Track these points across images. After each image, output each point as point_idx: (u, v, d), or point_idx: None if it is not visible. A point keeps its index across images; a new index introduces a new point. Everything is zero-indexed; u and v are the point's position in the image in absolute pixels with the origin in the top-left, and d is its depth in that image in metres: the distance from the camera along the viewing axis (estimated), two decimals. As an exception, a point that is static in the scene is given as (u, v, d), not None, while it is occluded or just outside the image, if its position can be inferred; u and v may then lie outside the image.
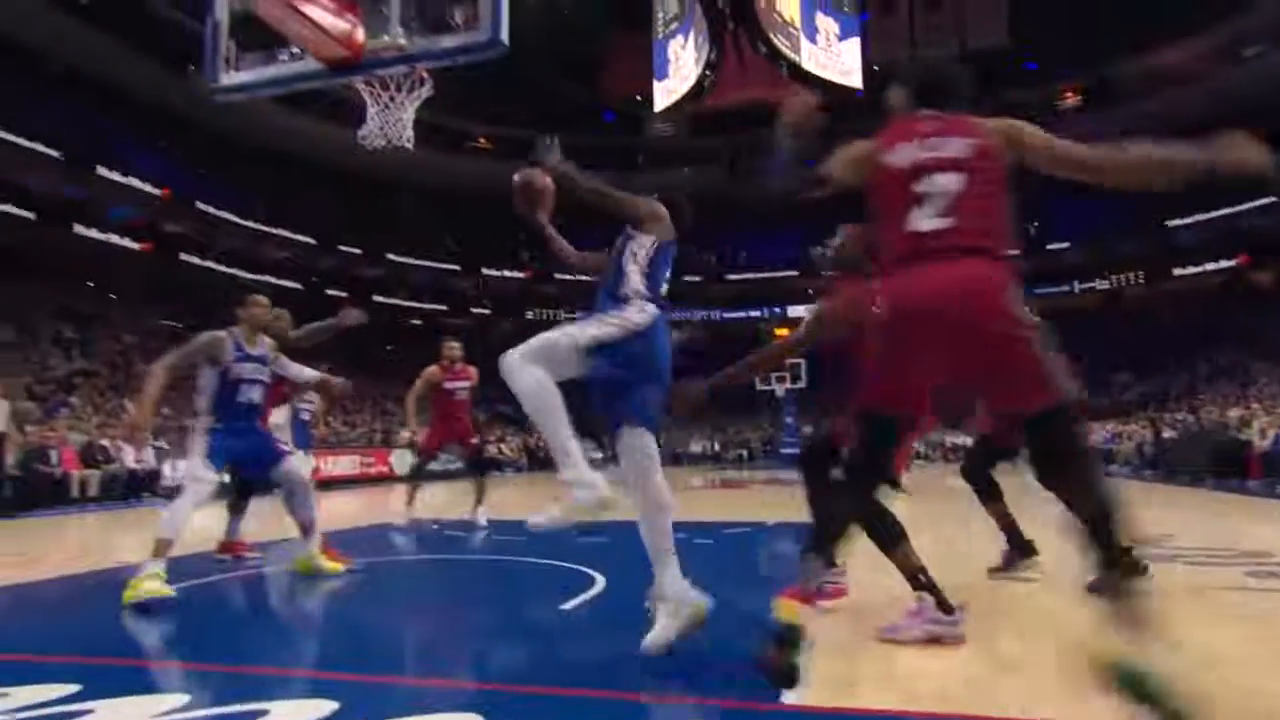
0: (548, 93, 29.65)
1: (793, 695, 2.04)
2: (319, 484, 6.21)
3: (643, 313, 2.60)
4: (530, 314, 33.70)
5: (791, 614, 1.92)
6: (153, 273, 24.94)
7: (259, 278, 26.00)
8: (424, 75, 4.52)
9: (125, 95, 23.31)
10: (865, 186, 2.04)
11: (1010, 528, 3.82)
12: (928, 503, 8.06)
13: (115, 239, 24.23)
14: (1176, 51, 26.63)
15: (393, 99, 4.69)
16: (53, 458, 10.81)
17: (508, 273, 35.21)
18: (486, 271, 34.99)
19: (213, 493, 3.82)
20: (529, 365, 2.39)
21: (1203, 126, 2.19)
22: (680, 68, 29.19)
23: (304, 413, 6.24)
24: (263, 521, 5.60)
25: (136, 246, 24.92)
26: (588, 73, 32.95)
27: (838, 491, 2.09)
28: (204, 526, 4.84)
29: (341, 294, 30.57)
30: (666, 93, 29.96)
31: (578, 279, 3.43)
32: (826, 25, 27.85)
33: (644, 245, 2.73)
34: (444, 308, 34.34)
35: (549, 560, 4.62)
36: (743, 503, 10.32)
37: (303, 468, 4.22)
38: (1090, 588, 3.43)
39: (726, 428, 30.03)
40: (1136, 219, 28.44)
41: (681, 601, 2.52)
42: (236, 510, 4.97)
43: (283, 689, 2.33)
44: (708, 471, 20.79)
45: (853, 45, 28.55)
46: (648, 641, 2.47)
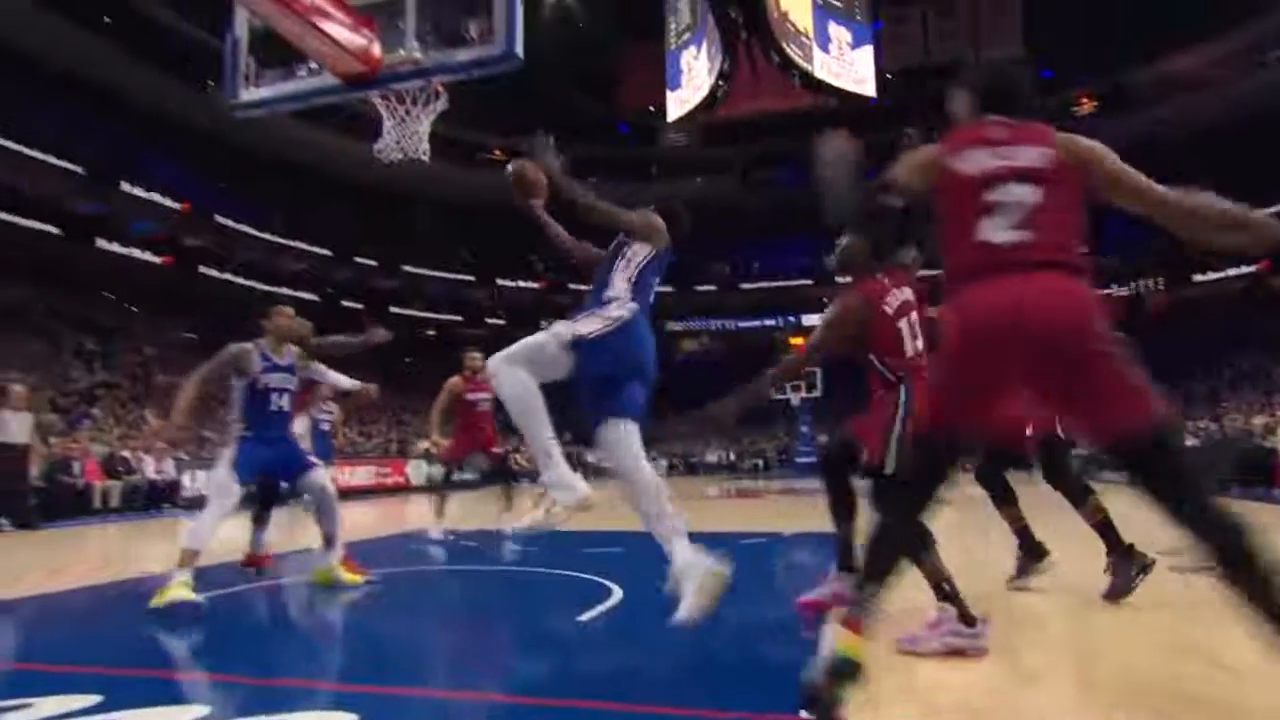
0: (562, 105, 29.86)
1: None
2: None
3: (623, 308, 2.63)
4: (545, 323, 33.69)
5: (850, 648, 1.79)
6: (173, 285, 25.34)
7: (277, 290, 26.32)
8: (439, 89, 4.56)
9: (147, 112, 23.76)
10: (932, 193, 1.93)
11: (1023, 532, 3.79)
12: (946, 512, 7.96)
13: (137, 253, 24.72)
14: (1192, 58, 26.42)
15: (409, 113, 4.74)
16: (75, 469, 10.95)
17: (522, 283, 35.40)
18: (501, 282, 35.20)
19: (237, 504, 3.85)
20: (513, 368, 2.42)
21: (1218, 133, 2.16)
22: (693, 78, 29.28)
23: (323, 423, 6.30)
24: (281, 533, 5.63)
25: (157, 260, 25.40)
26: (601, 85, 33.16)
27: (889, 513, 1.95)
28: (229, 537, 4.88)
29: (358, 305, 30.91)
30: (679, 103, 30.05)
31: (581, 289, 3.44)
32: (839, 34, 27.84)
33: (639, 254, 2.76)
34: (459, 318, 34.57)
35: (565, 571, 4.60)
36: (759, 513, 10.25)
37: (328, 480, 4.25)
38: (1106, 596, 3.40)
39: (742, 438, 29.89)
40: (1156, 225, 28.07)
41: (702, 572, 2.46)
42: (260, 521, 5.02)
43: (302, 701, 2.34)
44: (723, 481, 20.71)
45: (865, 54, 28.53)
46: (680, 616, 2.41)
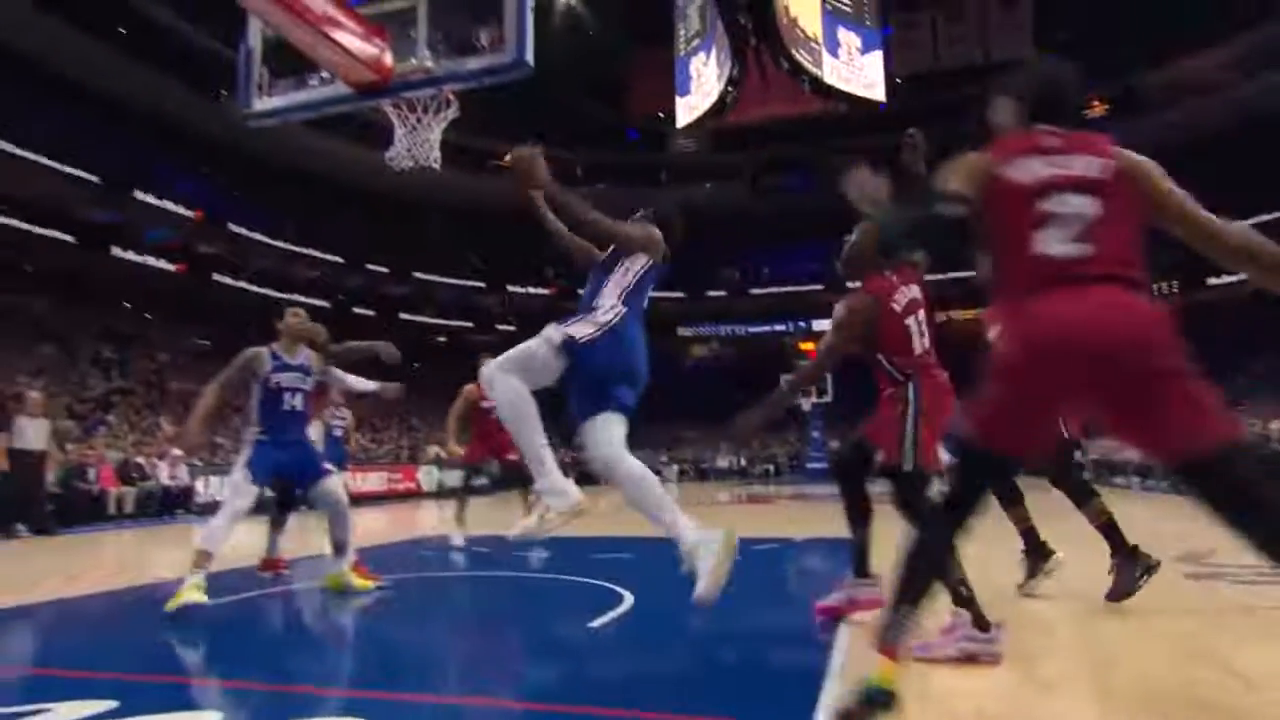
0: (571, 111, 30.02)
1: (824, 715, 2.01)
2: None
3: (610, 311, 2.63)
4: (555, 330, 33.90)
5: (886, 677, 1.74)
6: (186, 293, 25.62)
7: (289, 296, 26.51)
8: (450, 97, 4.59)
9: (160, 121, 24.05)
10: (981, 203, 1.84)
11: (1028, 532, 3.78)
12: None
13: (151, 261, 25.04)
14: (1201, 61, 26.31)
15: (420, 120, 4.77)
16: (91, 475, 11.06)
17: (532, 289, 35.52)
18: (512, 288, 35.35)
19: (251, 506, 3.88)
20: (507, 376, 2.44)
21: (1227, 136, 2.14)
22: (702, 84, 29.36)
23: (336, 428, 6.33)
24: (294, 538, 5.66)
25: (171, 268, 25.70)
26: (611, 91, 33.30)
27: (927, 530, 1.87)
28: (246, 542, 4.91)
29: (369, 312, 31.12)
30: (689, 109, 30.14)
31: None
32: (849, 39, 27.86)
33: (636, 264, 2.76)
34: (470, 324, 34.73)
35: (576, 577, 4.61)
36: (770, 519, 10.21)
37: (340, 488, 4.28)
38: (1109, 597, 3.37)
39: (752, 443, 29.82)
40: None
41: (709, 542, 2.45)
42: (278, 525, 5.06)
43: (314, 707, 2.35)
44: (734, 487, 20.66)
45: (875, 58, 28.53)
46: (699, 593, 2.39)
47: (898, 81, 29.42)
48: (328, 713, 2.26)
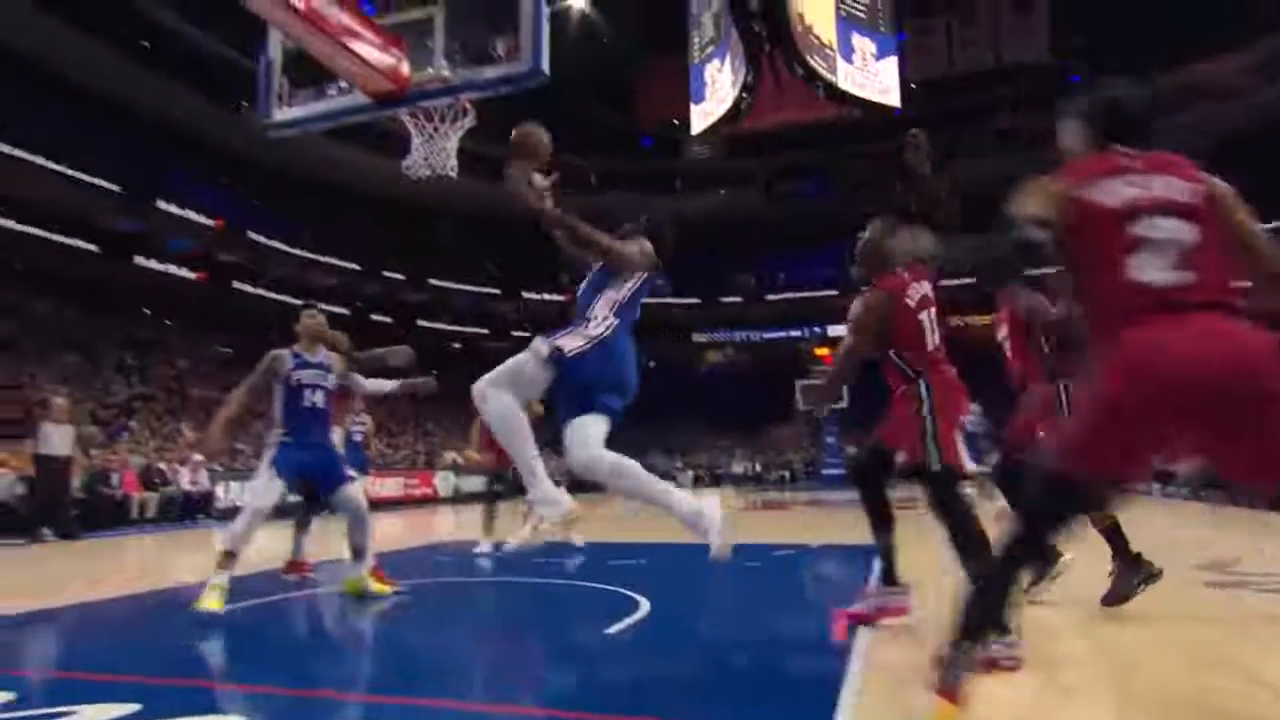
0: (585, 119, 30.14)
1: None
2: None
3: (603, 324, 2.65)
4: (569, 336, 34.03)
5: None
6: (207, 301, 26.00)
7: (307, 304, 26.77)
8: (467, 106, 4.64)
9: (181, 132, 24.46)
10: (1063, 229, 1.77)
11: None
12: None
13: (173, 269, 25.45)
14: (1217, 65, 26.03)
15: (437, 129, 4.83)
16: (114, 480, 11.23)
17: (547, 296, 35.66)
18: (527, 295, 35.52)
19: (275, 506, 3.91)
20: (497, 391, 2.48)
21: (1241, 140, 2.09)
22: (717, 91, 29.37)
23: (356, 434, 6.41)
24: (316, 542, 5.71)
25: (192, 276, 26.10)
26: (625, 98, 33.44)
27: (996, 563, 1.75)
28: (269, 546, 4.97)
29: (386, 319, 31.38)
30: (703, 116, 30.15)
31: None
32: (863, 45, 27.78)
33: (630, 279, 2.78)
34: (485, 331, 34.92)
35: (592, 583, 4.61)
36: (786, 525, 10.17)
37: (361, 495, 4.32)
38: (1104, 600, 3.32)
39: (767, 449, 29.71)
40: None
41: (709, 506, 2.53)
42: (303, 527, 5.11)
43: (334, 712, 2.38)
44: (749, 493, 20.57)
45: (890, 64, 28.42)
46: (714, 553, 2.48)
47: (912, 87, 29.29)
48: (347, 718, 2.29)
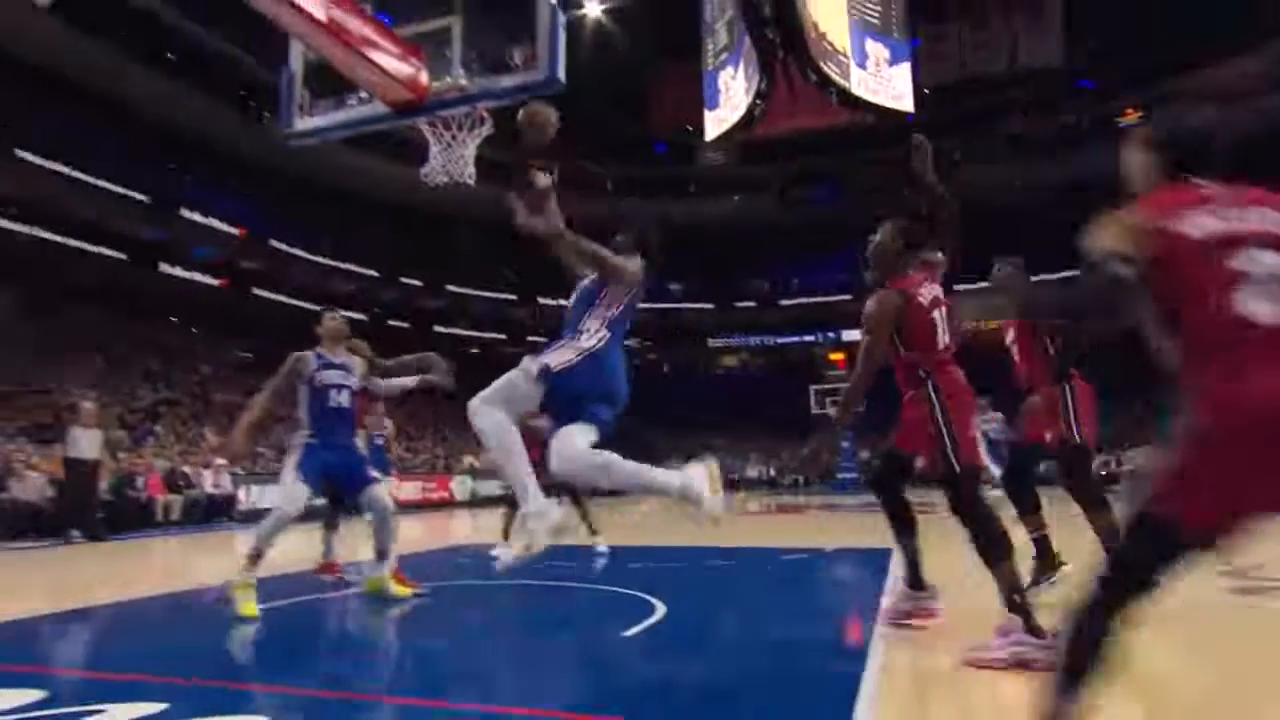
0: (599, 125, 30.29)
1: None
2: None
3: (594, 337, 2.71)
4: (585, 342, 34.16)
5: None
6: (229, 307, 26.41)
7: (327, 306, 27.11)
8: (484, 114, 4.70)
9: (205, 143, 24.90)
10: (1149, 264, 1.67)
11: (1041, 541, 3.75)
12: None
13: (197, 276, 25.97)
14: (1230, 69, 25.68)
15: (455, 137, 4.89)
16: (140, 484, 11.43)
17: (563, 301, 35.55)
18: (543, 301, 35.70)
19: (301, 510, 3.95)
20: (490, 409, 2.55)
21: (1255, 143, 2.05)
22: (730, 97, 29.39)
23: (378, 438, 6.50)
24: (343, 544, 5.78)
25: (215, 283, 26.58)
26: (639, 105, 33.57)
27: (1089, 613, 1.62)
28: (297, 546, 5.04)
29: (404, 324, 31.66)
30: (717, 122, 30.18)
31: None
32: (877, 51, 27.68)
33: (621, 292, 2.84)
34: (503, 336, 35.13)
35: (609, 586, 4.64)
36: (801, 528, 10.13)
37: (387, 495, 4.37)
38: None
39: (782, 453, 29.58)
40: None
41: (696, 476, 2.60)
42: (332, 527, 5.17)
43: (358, 714, 2.42)
44: (764, 497, 20.49)
45: (903, 70, 28.30)
46: (710, 513, 2.57)
47: (925, 92, 29.16)
48: (370, 719, 2.33)
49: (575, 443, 2.57)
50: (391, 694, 2.71)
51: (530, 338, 35.27)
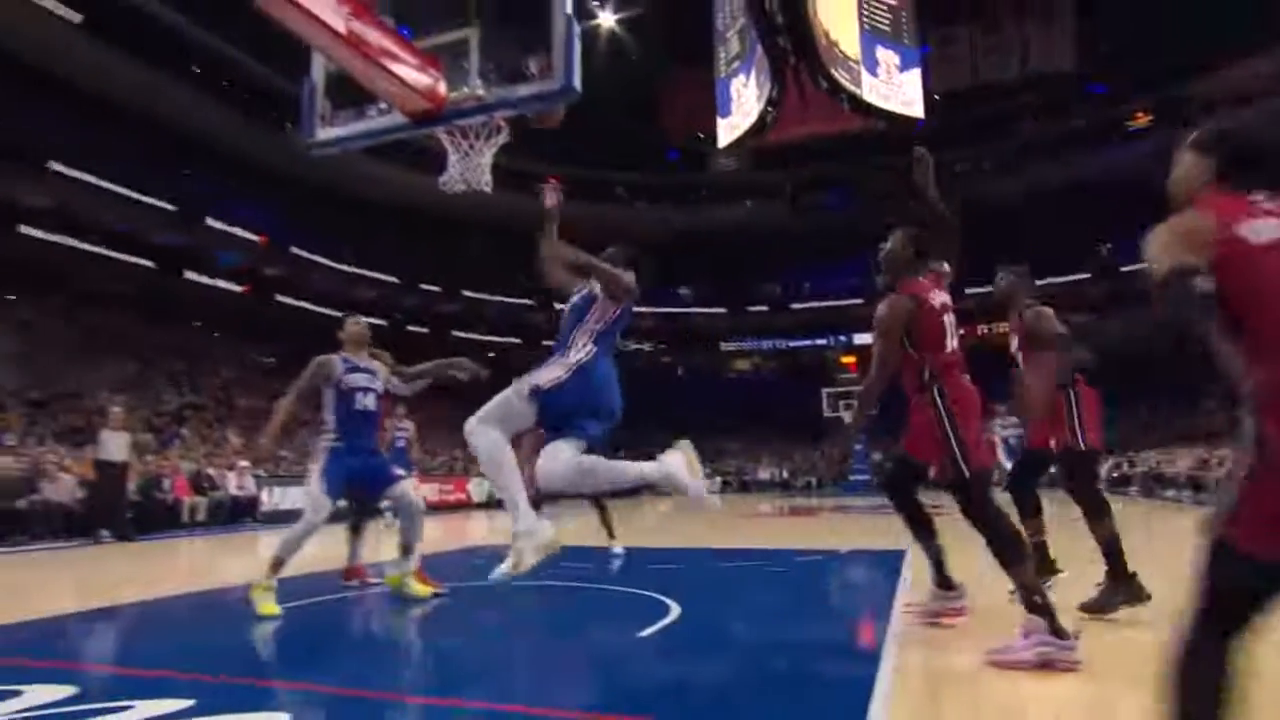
0: (613, 132, 30.42)
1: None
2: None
3: (581, 350, 2.77)
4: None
5: None
6: (252, 313, 26.81)
7: (349, 312, 27.46)
8: (501, 123, 4.79)
9: (229, 153, 25.32)
10: (1218, 272, 1.60)
11: (1039, 546, 3.76)
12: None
13: (221, 283, 26.43)
14: (1242, 71, 25.34)
15: (472, 146, 4.98)
16: (166, 485, 11.64)
17: (578, 307, 35.98)
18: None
19: (327, 519, 4.02)
20: (486, 428, 2.63)
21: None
22: (742, 105, 29.44)
23: (400, 439, 6.61)
24: (367, 545, 5.86)
25: (238, 289, 27.01)
26: (651, 113, 33.71)
27: (1194, 659, 1.50)
28: (323, 547, 5.12)
29: (422, 330, 31.94)
30: (729, 129, 30.23)
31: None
32: (887, 58, 27.61)
33: (610, 308, 2.88)
34: (519, 341, 35.31)
35: (625, 588, 4.68)
36: (813, 530, 10.10)
37: (414, 491, 4.44)
38: (1081, 607, 3.29)
39: (794, 455, 29.47)
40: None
41: (675, 461, 2.70)
42: (356, 532, 5.25)
43: (379, 712, 2.46)
44: (776, 499, 20.42)
45: (914, 76, 28.21)
46: (694, 496, 2.69)
47: (936, 98, 29.03)
48: (391, 717, 2.39)
49: (560, 456, 2.64)
50: (411, 693, 2.75)
51: (546, 342, 35.35)
